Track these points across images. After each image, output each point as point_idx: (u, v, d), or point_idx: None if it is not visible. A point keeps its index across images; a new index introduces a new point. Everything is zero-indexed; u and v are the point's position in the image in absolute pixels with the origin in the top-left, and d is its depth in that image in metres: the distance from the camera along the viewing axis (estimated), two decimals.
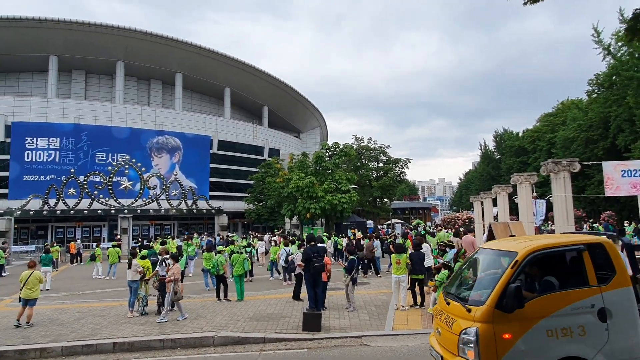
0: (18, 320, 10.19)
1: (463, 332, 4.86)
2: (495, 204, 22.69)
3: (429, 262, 11.94)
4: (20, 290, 10.44)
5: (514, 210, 29.65)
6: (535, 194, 28.39)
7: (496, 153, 64.75)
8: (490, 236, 11.78)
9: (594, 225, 26.45)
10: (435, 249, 13.80)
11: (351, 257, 10.77)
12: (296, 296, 12.23)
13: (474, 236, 14.83)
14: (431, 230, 25.70)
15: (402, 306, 10.56)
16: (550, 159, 13.84)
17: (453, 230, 26.37)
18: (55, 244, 25.86)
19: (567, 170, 12.14)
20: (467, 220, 39.77)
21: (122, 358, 8.06)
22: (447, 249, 12.08)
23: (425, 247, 12.34)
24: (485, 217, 22.68)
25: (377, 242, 19.36)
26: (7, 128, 43.09)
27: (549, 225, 28.09)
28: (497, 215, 22.09)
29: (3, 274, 21.13)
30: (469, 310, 4.93)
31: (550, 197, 16.77)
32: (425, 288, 12.53)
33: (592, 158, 32.75)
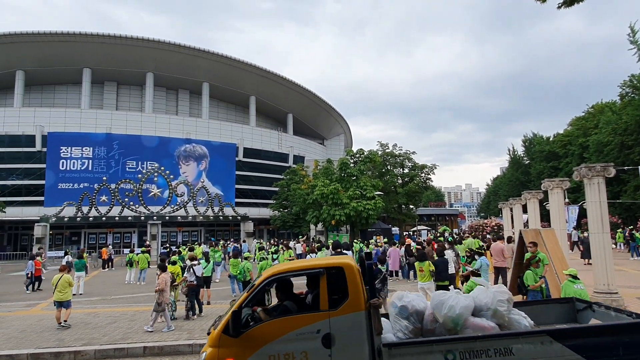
0: (59, 322, 10.59)
1: (199, 356, 4.99)
2: (525, 211, 22.11)
3: (451, 269, 11.72)
4: (53, 293, 10.85)
5: (544, 216, 28.82)
6: (567, 200, 27.56)
7: (525, 158, 63.20)
8: (521, 244, 11.48)
9: (633, 232, 25.40)
10: (463, 257, 13.53)
11: (378, 266, 10.65)
12: None
13: (504, 243, 14.45)
14: (456, 238, 25.17)
15: None
16: (583, 163, 13.41)
17: (480, 236, 25.87)
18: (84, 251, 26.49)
19: (601, 175, 11.72)
20: (495, 227, 38.87)
21: None
22: (477, 257, 11.83)
23: (447, 254, 12.11)
24: (515, 224, 22.12)
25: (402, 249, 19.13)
26: (44, 138, 44.89)
27: (583, 233, 27.15)
28: (527, 221, 21.53)
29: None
30: (209, 334, 4.99)
31: (584, 203, 16.21)
32: None
33: (627, 163, 31.54)
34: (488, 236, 23.66)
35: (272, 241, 37.58)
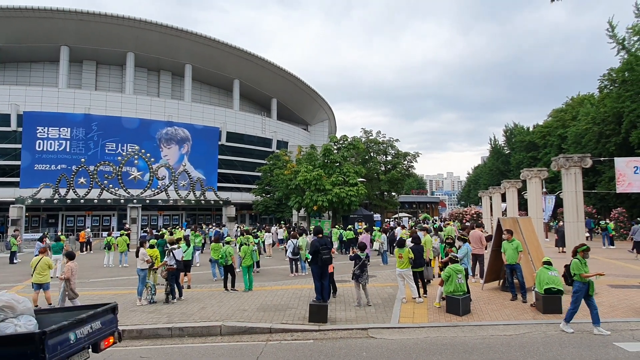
0: (37, 305, 10.41)
1: None
2: (504, 199, 22.56)
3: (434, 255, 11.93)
4: (32, 275, 10.66)
5: (522, 205, 29.46)
6: (545, 190, 28.18)
7: (506, 148, 64.19)
8: (499, 231, 11.72)
9: (601, 222, 26.14)
10: (442, 244, 13.76)
11: (357, 252, 10.74)
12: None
13: (482, 231, 14.74)
14: (436, 226, 25.50)
15: (414, 298, 10.57)
16: (561, 154, 13.70)
17: (460, 225, 26.31)
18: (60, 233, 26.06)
19: (578, 165, 12.01)
20: (474, 215, 39.59)
21: (132, 345, 8.17)
22: (460, 243, 12.06)
23: (433, 241, 12.31)
24: (493, 212, 22.57)
25: (383, 236, 19.34)
26: (19, 117, 43.54)
27: (558, 222, 27.87)
28: (505, 210, 21.96)
29: (15, 261, 21.48)
30: None
31: (560, 192, 16.63)
32: (433, 281, 12.54)
33: (604, 154, 32.32)
34: (467, 224, 24.08)
35: (249, 226, 37.49)
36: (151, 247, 12.41)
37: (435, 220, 35.02)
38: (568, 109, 47.13)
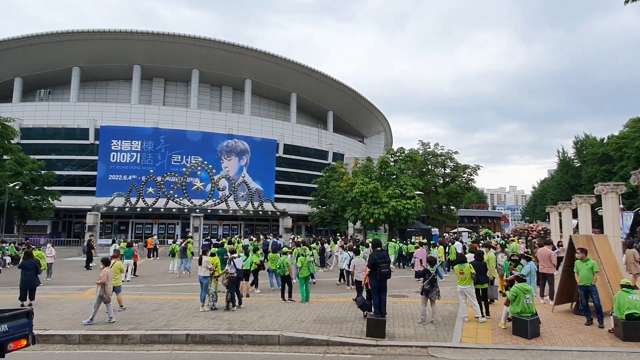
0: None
1: None
2: (575, 215, 21.10)
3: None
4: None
5: (595, 222, 27.36)
6: (622, 206, 26.08)
7: (576, 160, 60.19)
8: (571, 250, 10.95)
9: None
10: (508, 262, 13.07)
11: (427, 267, 10.43)
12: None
13: (561, 246, 13.81)
14: (501, 242, 24.32)
15: (477, 317, 10.09)
16: None
17: (526, 242, 24.91)
18: (124, 240, 27.25)
19: None
20: (542, 232, 37.31)
21: (194, 349, 8.48)
22: (524, 262, 11.41)
23: (498, 258, 11.73)
24: (563, 229, 21.15)
25: (435, 251, 18.70)
26: (96, 131, 47.26)
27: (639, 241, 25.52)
28: (577, 227, 20.53)
29: (90, 266, 23.04)
30: None
31: None
32: (497, 301, 11.92)
33: None
34: (534, 241, 22.74)
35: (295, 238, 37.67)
36: (212, 255, 12.86)
37: (498, 237, 33.35)
38: None
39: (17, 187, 32.72)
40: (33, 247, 20.37)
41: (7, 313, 6.19)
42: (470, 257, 11.35)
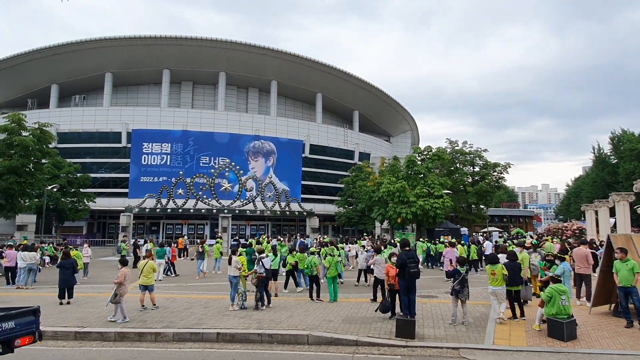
0: (143, 305, 11.50)
1: None
2: (612, 214, 20.30)
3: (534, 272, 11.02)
4: (139, 277, 11.75)
5: (635, 221, 26.23)
6: None
7: (613, 157, 57.84)
8: (609, 249, 10.54)
9: None
10: (542, 262, 12.70)
11: (457, 267, 10.27)
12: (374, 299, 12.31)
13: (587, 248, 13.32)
14: (534, 242, 23.67)
15: (501, 318, 9.88)
16: None
17: (560, 242, 24.10)
18: (150, 241, 27.54)
19: None
20: (577, 231, 36.10)
21: (225, 348, 8.61)
22: (558, 262, 11.06)
23: (532, 258, 11.42)
24: (600, 228, 20.39)
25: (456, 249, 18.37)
26: (128, 135, 48.70)
27: None
28: (615, 225, 19.75)
29: (137, 265, 23.69)
30: None
31: None
32: (530, 302, 11.60)
33: None
34: (570, 240, 22.01)
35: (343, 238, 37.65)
36: (239, 255, 12.96)
37: (532, 236, 32.39)
38: None
39: (55, 190, 34.06)
40: (70, 247, 21.15)
41: (15, 311, 6.45)
42: (502, 257, 11.07)
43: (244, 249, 14.89)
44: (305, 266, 13.40)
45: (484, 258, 19.11)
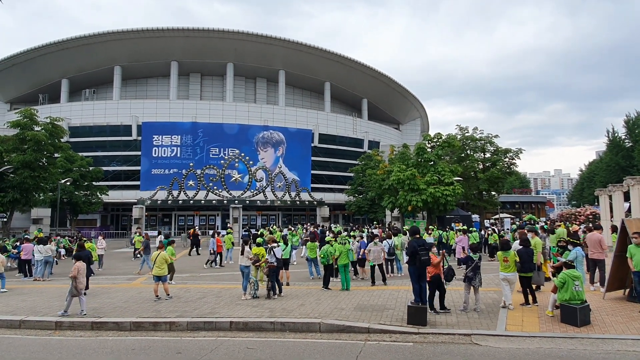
0: (157, 295, 11.67)
1: None
2: (627, 198, 20.00)
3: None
4: (151, 269, 11.90)
5: None
6: None
7: (628, 141, 56.82)
8: (623, 235, 10.40)
9: None
10: (554, 247, 12.58)
11: (469, 254, 10.24)
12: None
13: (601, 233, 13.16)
14: (546, 227, 23.48)
15: (507, 306, 9.87)
16: None
17: (573, 227, 23.86)
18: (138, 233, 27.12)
19: None
20: (590, 216, 35.69)
21: (238, 336, 8.71)
22: (570, 247, 10.94)
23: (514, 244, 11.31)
24: (614, 212, 20.11)
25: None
26: (139, 128, 49.03)
27: None
28: (629, 210, 19.46)
29: (138, 256, 24.07)
30: None
31: None
32: (542, 288, 11.54)
33: None
34: (582, 226, 21.76)
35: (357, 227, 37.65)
36: (258, 245, 12.93)
37: (546, 222, 32.10)
38: None
39: (68, 183, 34.55)
40: (85, 239, 21.49)
41: None
42: (515, 244, 11.00)
43: (261, 239, 14.67)
44: (322, 255, 13.43)
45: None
